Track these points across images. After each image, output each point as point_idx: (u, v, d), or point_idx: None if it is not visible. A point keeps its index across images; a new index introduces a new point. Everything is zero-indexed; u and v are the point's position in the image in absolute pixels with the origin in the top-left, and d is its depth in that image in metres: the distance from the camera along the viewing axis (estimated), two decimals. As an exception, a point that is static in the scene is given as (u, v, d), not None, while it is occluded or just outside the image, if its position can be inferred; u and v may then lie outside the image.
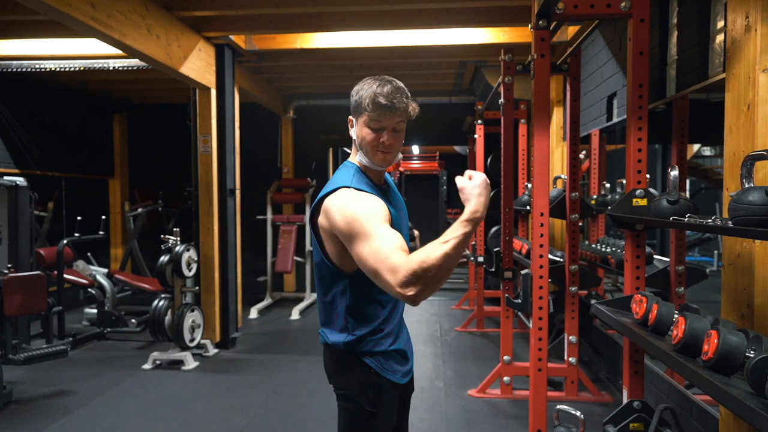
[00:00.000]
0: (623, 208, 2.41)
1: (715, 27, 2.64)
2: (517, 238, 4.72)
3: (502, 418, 3.73)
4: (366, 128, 1.65)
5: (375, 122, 1.64)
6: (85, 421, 3.72)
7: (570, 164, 3.81)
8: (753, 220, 1.50)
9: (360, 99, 1.65)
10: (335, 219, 1.56)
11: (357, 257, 1.51)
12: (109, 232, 8.12)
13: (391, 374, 1.74)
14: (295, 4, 4.45)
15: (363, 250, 1.48)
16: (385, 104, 1.60)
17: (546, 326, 2.97)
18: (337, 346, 1.72)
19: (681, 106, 3.17)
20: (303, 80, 7.46)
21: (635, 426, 2.32)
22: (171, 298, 4.98)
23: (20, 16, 4.61)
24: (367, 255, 1.47)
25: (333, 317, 1.74)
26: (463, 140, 8.14)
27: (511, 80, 4.02)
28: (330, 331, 1.75)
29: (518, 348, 5.04)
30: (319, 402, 4.01)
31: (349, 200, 1.58)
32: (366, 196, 1.61)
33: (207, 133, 5.34)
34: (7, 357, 4.11)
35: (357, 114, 1.68)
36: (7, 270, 4.19)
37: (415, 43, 5.42)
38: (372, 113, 1.62)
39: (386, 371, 1.73)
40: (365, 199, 1.60)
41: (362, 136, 1.67)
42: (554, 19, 2.79)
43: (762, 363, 1.39)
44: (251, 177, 7.38)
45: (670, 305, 1.98)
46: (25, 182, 5.03)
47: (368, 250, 1.46)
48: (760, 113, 1.90)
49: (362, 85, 1.68)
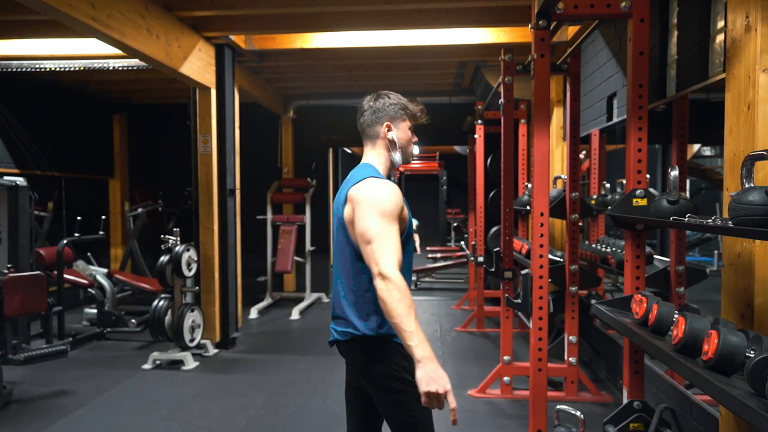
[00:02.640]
0: (623, 208, 2.41)
1: (715, 27, 2.64)
2: (517, 238, 4.72)
3: (502, 418, 3.73)
4: (409, 131, 2.02)
5: (412, 127, 2.04)
6: (85, 421, 3.72)
7: (570, 164, 3.81)
8: (753, 220, 1.50)
9: (407, 109, 2.00)
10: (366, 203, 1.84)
11: (361, 233, 1.76)
12: (109, 232, 8.11)
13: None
14: (295, 4, 4.45)
15: (369, 228, 1.78)
16: (420, 116, 2.05)
17: (546, 326, 2.97)
18: (370, 333, 1.84)
19: (681, 106, 3.17)
20: (303, 80, 7.46)
21: (635, 426, 2.32)
22: (171, 298, 4.98)
23: (20, 16, 4.61)
24: (371, 233, 1.77)
25: (361, 304, 1.85)
26: (463, 140, 8.14)
27: (511, 80, 4.02)
28: (358, 320, 1.85)
29: (518, 348, 5.04)
30: (319, 402, 4.01)
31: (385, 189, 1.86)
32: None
33: (207, 133, 5.34)
34: (7, 357, 4.11)
35: (400, 120, 1.99)
36: (7, 270, 4.19)
37: (415, 43, 5.43)
38: (415, 121, 2.03)
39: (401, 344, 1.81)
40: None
41: (408, 137, 2.02)
42: (554, 19, 2.79)
43: (762, 363, 1.39)
44: (251, 177, 7.38)
45: (670, 305, 1.98)
46: (25, 182, 5.03)
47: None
48: (760, 113, 1.90)
49: (397, 98, 2.01)
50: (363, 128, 2.01)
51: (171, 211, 7.80)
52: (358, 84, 7.53)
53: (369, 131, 1.99)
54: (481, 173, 6.06)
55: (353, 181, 1.88)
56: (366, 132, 2.00)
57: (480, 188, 6.07)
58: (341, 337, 1.91)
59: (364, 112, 2.00)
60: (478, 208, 6.19)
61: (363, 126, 2.00)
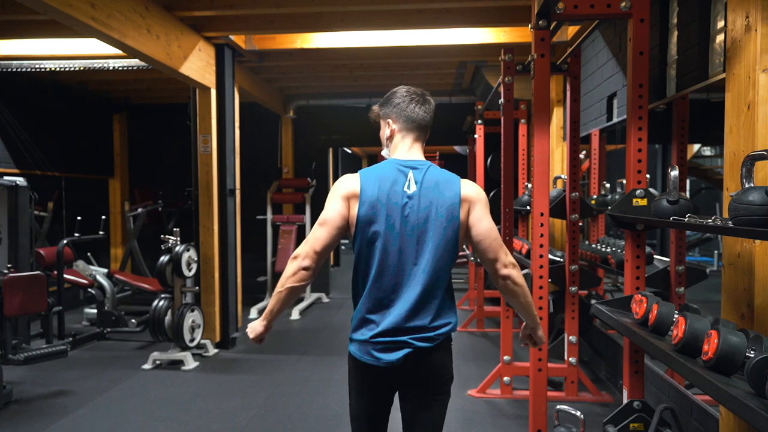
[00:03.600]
0: (623, 208, 2.41)
1: (715, 27, 2.64)
2: (517, 238, 4.72)
3: (502, 418, 3.73)
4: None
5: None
6: (85, 421, 3.72)
7: (570, 164, 3.81)
8: (753, 220, 1.50)
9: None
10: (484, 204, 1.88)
11: (488, 229, 1.84)
12: (109, 232, 8.12)
13: None
14: (295, 4, 4.45)
15: (492, 224, 1.86)
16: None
17: (546, 326, 2.97)
18: (451, 332, 1.88)
19: (681, 106, 3.17)
20: (303, 80, 7.46)
21: (635, 426, 2.32)
22: (171, 298, 4.98)
23: (20, 16, 4.61)
24: (495, 229, 1.86)
25: (452, 300, 1.90)
26: (463, 140, 8.15)
27: (511, 80, 4.02)
28: (455, 316, 1.89)
29: (518, 348, 5.04)
30: (319, 402, 4.01)
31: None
32: None
33: (207, 133, 5.34)
34: (7, 357, 4.10)
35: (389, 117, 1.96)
36: (7, 270, 4.19)
37: (415, 43, 5.43)
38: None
39: None
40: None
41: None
42: (554, 19, 2.79)
43: (762, 363, 1.39)
44: (251, 177, 7.38)
45: (670, 305, 1.98)
46: (25, 182, 5.03)
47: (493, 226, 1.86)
48: (760, 113, 1.90)
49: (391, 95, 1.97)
50: (424, 121, 1.91)
51: (171, 211, 7.80)
52: (358, 84, 7.53)
53: (427, 128, 1.93)
54: (481, 173, 6.06)
55: (455, 181, 1.85)
56: (424, 127, 1.92)
57: (480, 188, 6.06)
58: (429, 344, 1.80)
59: (429, 106, 1.93)
60: (478, 208, 6.17)
61: (425, 119, 1.91)
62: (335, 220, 1.78)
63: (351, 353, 1.87)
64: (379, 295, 1.80)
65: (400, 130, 1.91)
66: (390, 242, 1.78)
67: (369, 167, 1.87)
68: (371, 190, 1.78)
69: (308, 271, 1.77)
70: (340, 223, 1.79)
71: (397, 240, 1.78)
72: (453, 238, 1.81)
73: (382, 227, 1.77)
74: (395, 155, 1.91)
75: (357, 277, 1.86)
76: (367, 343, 1.80)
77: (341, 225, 1.79)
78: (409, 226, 1.78)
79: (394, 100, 1.92)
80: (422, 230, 1.79)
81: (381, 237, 1.77)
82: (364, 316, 1.82)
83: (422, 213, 1.79)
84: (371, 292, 1.80)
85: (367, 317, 1.82)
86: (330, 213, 1.79)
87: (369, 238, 1.79)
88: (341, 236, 1.82)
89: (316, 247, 1.77)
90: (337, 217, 1.78)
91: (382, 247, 1.78)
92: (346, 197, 1.80)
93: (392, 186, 1.79)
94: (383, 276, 1.79)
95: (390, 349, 1.78)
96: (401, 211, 1.78)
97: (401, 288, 1.79)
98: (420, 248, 1.79)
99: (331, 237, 1.79)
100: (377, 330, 1.79)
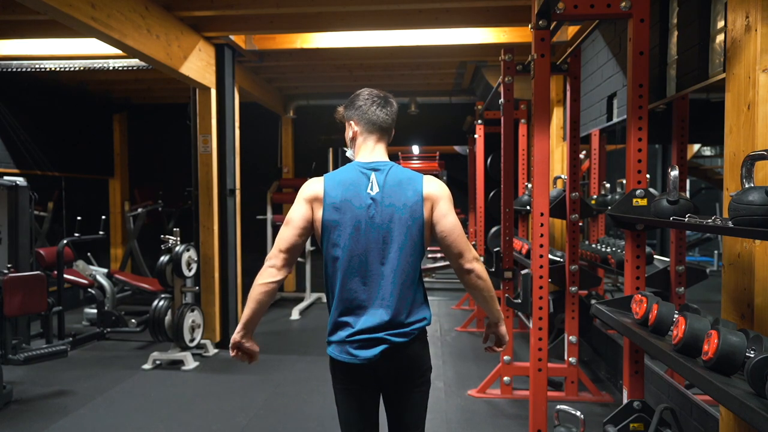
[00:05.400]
0: (623, 208, 2.41)
1: (715, 27, 2.64)
2: (517, 238, 4.72)
3: (502, 418, 3.73)
4: None
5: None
6: (85, 421, 3.72)
7: (570, 164, 3.81)
8: (753, 220, 1.50)
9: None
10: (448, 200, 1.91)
11: (452, 225, 1.86)
12: (109, 232, 8.11)
13: None
14: (295, 4, 4.45)
15: (457, 220, 1.89)
16: None
17: (546, 326, 2.97)
18: (425, 326, 1.91)
19: (681, 106, 3.17)
20: (303, 80, 7.46)
21: (635, 426, 2.32)
22: (171, 298, 4.98)
23: (20, 16, 4.61)
24: (459, 225, 1.88)
25: (423, 296, 1.93)
26: (463, 140, 8.14)
27: (511, 80, 4.02)
28: (428, 310, 1.92)
29: (518, 348, 5.04)
30: (319, 402, 4.01)
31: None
32: None
33: (207, 133, 5.34)
34: (7, 357, 4.11)
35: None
36: (7, 270, 4.19)
37: (415, 43, 5.42)
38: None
39: None
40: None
41: None
42: (554, 19, 2.79)
43: (762, 363, 1.39)
44: (251, 177, 7.37)
45: (670, 305, 1.98)
46: (25, 182, 5.03)
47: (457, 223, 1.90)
48: (760, 113, 1.90)
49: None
50: (385, 124, 1.96)
51: (171, 211, 7.80)
52: (358, 84, 7.42)
53: (389, 130, 1.99)
54: (481, 173, 6.06)
55: (417, 180, 1.88)
56: (386, 129, 1.97)
57: (480, 188, 6.07)
58: (405, 339, 1.83)
59: (390, 108, 1.98)
60: (478, 208, 6.19)
61: (386, 122, 1.97)
62: (297, 221, 1.86)
63: (329, 354, 1.91)
64: (350, 296, 1.84)
65: (362, 132, 1.97)
66: (356, 244, 1.82)
67: (334, 171, 1.92)
68: (334, 194, 1.84)
69: (275, 268, 1.84)
70: (302, 224, 1.86)
71: (363, 241, 1.82)
72: (418, 236, 1.86)
73: (347, 230, 1.82)
74: (359, 157, 1.96)
75: (326, 280, 1.91)
76: (344, 342, 1.84)
77: (304, 226, 1.86)
78: (374, 227, 1.82)
79: (357, 103, 1.98)
80: (387, 230, 1.83)
81: (347, 239, 1.82)
82: (337, 320, 1.87)
83: (386, 213, 1.83)
84: (341, 294, 1.84)
85: (340, 320, 1.86)
86: (293, 214, 1.87)
87: (334, 240, 1.84)
88: (306, 236, 1.89)
89: (281, 246, 1.85)
90: (300, 219, 1.86)
91: (349, 249, 1.82)
92: (309, 201, 1.87)
93: (356, 189, 1.84)
94: (352, 278, 1.83)
95: (367, 346, 1.82)
96: (366, 213, 1.82)
97: (371, 289, 1.83)
98: (386, 248, 1.83)
99: (295, 237, 1.85)
100: (353, 330, 1.83)
